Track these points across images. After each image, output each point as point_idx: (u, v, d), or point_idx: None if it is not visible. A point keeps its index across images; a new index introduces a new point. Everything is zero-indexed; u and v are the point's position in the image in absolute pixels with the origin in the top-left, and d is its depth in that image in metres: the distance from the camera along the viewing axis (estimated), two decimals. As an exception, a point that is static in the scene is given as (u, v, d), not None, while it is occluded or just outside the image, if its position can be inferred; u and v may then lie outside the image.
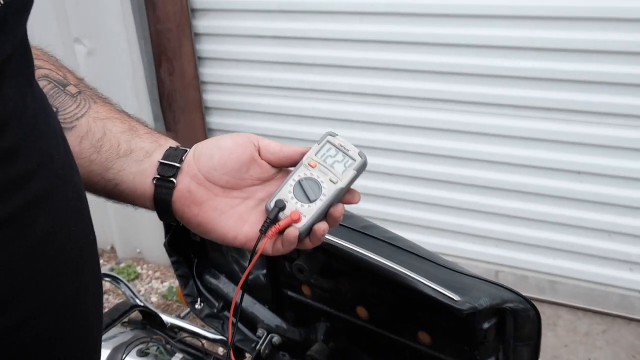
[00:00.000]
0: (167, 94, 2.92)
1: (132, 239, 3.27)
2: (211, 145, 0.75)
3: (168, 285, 3.12)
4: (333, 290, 1.10)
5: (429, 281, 0.87)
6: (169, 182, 0.73)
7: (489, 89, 2.39)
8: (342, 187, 0.74)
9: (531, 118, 2.37)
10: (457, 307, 0.84)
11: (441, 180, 2.63)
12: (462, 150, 2.53)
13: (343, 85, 2.64)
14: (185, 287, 1.36)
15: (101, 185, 0.75)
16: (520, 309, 0.90)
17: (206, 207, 0.73)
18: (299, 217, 0.72)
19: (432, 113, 2.52)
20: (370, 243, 0.97)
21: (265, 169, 0.75)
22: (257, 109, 2.88)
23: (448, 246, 2.74)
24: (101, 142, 0.73)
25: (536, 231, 2.57)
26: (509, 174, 2.51)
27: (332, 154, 0.76)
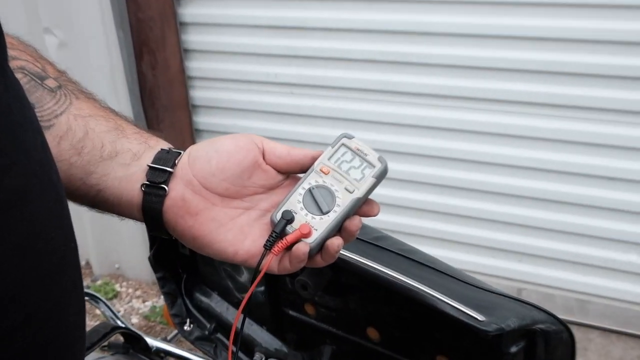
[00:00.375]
0: (149, 91, 2.92)
1: (110, 253, 3.26)
2: (208, 147, 0.74)
3: (151, 305, 3.11)
4: (340, 309, 1.09)
5: (450, 299, 0.87)
6: (159, 189, 0.72)
7: (512, 85, 2.39)
8: (359, 197, 0.73)
9: (561, 118, 2.37)
10: (481, 328, 0.84)
11: (457, 186, 2.63)
12: (481, 153, 2.54)
13: (348, 81, 2.64)
14: (172, 306, 1.36)
15: (83, 192, 0.74)
16: (552, 330, 0.90)
17: (202, 218, 0.72)
18: (310, 231, 0.71)
19: (448, 112, 2.52)
20: (383, 256, 0.97)
21: (270, 175, 0.74)
22: (251, 107, 2.88)
23: (465, 260, 2.74)
24: (83, 143, 0.72)
25: (564, 244, 2.57)
26: (534, 180, 2.51)
27: (347, 158, 0.75)
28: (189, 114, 2.96)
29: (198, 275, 1.37)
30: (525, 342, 0.91)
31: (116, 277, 3.31)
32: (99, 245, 3.24)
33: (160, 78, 2.90)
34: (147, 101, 2.94)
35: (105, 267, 3.32)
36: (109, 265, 3.31)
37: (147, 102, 2.94)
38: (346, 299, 1.08)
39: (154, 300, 3.14)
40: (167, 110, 2.95)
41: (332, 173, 0.74)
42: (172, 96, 2.92)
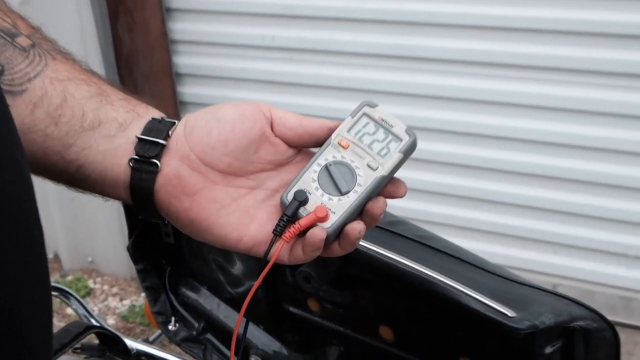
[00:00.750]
0: (127, 56, 2.92)
1: (82, 244, 3.28)
2: (208, 116, 0.73)
3: (129, 304, 3.13)
4: (349, 305, 1.10)
5: (475, 292, 0.87)
6: (150, 165, 0.72)
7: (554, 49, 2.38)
8: (383, 175, 0.73)
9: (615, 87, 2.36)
10: (511, 325, 0.84)
11: (484, 167, 2.63)
12: (512, 127, 2.53)
13: (357, 45, 2.63)
14: (155, 303, 1.36)
15: (60, 168, 0.73)
16: (594, 328, 0.90)
17: (201, 199, 0.72)
18: (327, 214, 0.71)
19: (475, 80, 2.52)
20: (399, 243, 0.98)
21: (279, 149, 0.74)
22: (244, 75, 2.88)
23: (492, 252, 2.74)
24: (60, 111, 0.72)
25: (606, 233, 2.58)
26: (571, 159, 2.51)
27: (370, 130, 0.75)
28: (172, 83, 2.96)
29: (184, 267, 1.37)
30: (562, 341, 0.91)
31: (89, 272, 3.33)
32: (69, 234, 3.25)
33: (139, 42, 2.89)
34: (123, 69, 2.93)
35: (76, 260, 3.33)
36: (81, 258, 3.32)
37: (123, 71, 2.93)
38: (355, 294, 1.08)
39: (132, 299, 3.16)
40: (147, 79, 2.95)
41: (352, 147, 0.74)
42: (152, 63, 2.92)
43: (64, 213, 3.16)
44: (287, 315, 1.19)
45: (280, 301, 1.19)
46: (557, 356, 0.92)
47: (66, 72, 0.74)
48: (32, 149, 0.72)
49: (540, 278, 2.71)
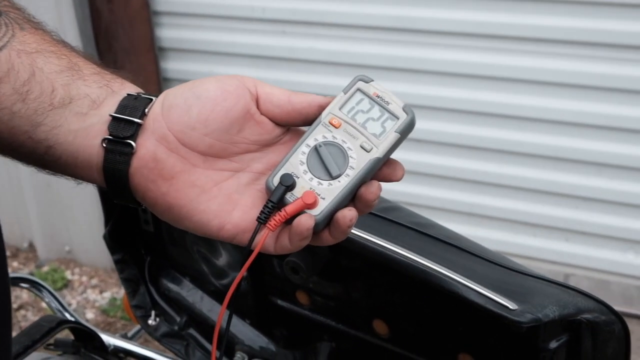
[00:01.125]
0: (105, 30, 2.90)
1: (59, 232, 3.28)
2: (188, 93, 0.73)
3: (110, 297, 3.13)
4: (340, 297, 1.10)
5: (475, 283, 0.87)
6: (125, 146, 0.71)
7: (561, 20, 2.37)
8: (378, 158, 0.72)
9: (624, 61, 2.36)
10: (513, 318, 0.84)
11: (490, 148, 2.63)
12: (518, 105, 2.53)
13: (353, 16, 2.62)
14: (133, 296, 1.37)
15: (29, 149, 0.73)
16: (602, 321, 0.90)
17: (179, 183, 0.72)
18: (315, 200, 0.71)
19: (480, 54, 2.51)
20: (393, 231, 0.98)
21: (265, 128, 0.74)
22: (233, 49, 2.87)
23: (499, 240, 2.75)
24: (28, 87, 0.71)
25: (622, 219, 2.58)
26: (586, 139, 2.51)
27: (364, 108, 0.74)
28: (154, 58, 2.95)
29: (165, 258, 1.37)
30: (568, 336, 0.92)
31: (67, 262, 3.33)
32: (45, 223, 3.25)
33: (119, 14, 2.88)
34: (102, 43, 2.92)
35: (53, 250, 3.33)
36: (58, 247, 3.33)
37: (102, 45, 2.92)
38: (347, 286, 1.08)
39: (113, 291, 3.17)
40: (128, 54, 2.94)
41: (345, 126, 0.73)
42: (133, 37, 2.91)
43: (39, 199, 3.15)
44: (275, 308, 1.20)
45: (268, 294, 1.19)
46: (562, 351, 0.93)
47: (35, 43, 0.73)
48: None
49: (552, 267, 2.72)
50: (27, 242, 3.42)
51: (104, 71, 0.76)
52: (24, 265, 3.34)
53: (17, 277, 1.49)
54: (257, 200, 0.73)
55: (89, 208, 3.05)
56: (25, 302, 3.04)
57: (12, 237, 3.44)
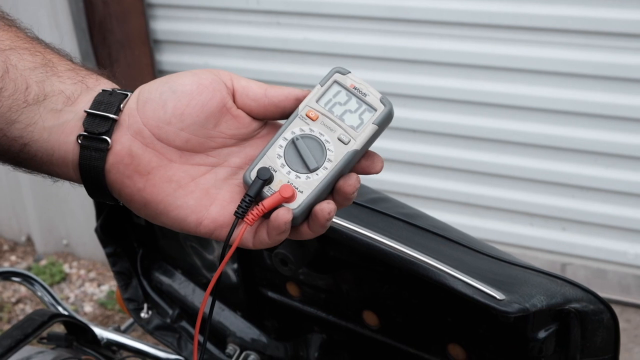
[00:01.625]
0: (100, 23, 2.90)
1: (56, 226, 3.28)
2: (163, 87, 0.72)
3: (108, 290, 3.14)
4: (330, 289, 1.10)
5: (462, 273, 0.87)
6: (100, 142, 0.71)
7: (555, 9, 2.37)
8: (356, 150, 0.72)
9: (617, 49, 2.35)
10: (501, 308, 0.84)
11: (484, 137, 2.63)
12: (513, 94, 2.53)
13: (347, 7, 2.62)
14: (126, 289, 1.37)
15: (4, 147, 0.73)
16: (590, 310, 0.90)
17: (156, 178, 0.72)
18: (293, 193, 0.70)
19: (473, 44, 2.51)
20: (381, 222, 0.97)
21: (242, 122, 0.73)
22: (227, 41, 2.87)
23: (495, 229, 2.75)
24: (2, 84, 0.70)
25: (619, 207, 2.58)
26: (579, 127, 2.50)
27: (341, 100, 0.74)
28: (149, 51, 2.94)
29: (157, 251, 1.37)
30: (557, 325, 0.92)
31: (64, 255, 3.34)
32: (43, 216, 3.26)
33: (113, 6, 2.87)
34: (96, 36, 2.92)
35: (50, 243, 3.34)
36: (55, 241, 3.33)
37: (96, 38, 2.92)
38: (337, 277, 1.08)
39: (111, 284, 3.17)
40: (123, 47, 2.93)
41: (322, 119, 0.73)
42: (128, 29, 2.90)
43: (36, 193, 3.15)
44: (266, 300, 1.20)
45: (258, 286, 1.19)
46: (551, 341, 0.93)
47: (8, 40, 0.73)
48: None
49: (549, 257, 2.72)
50: (24, 236, 3.42)
51: (78, 67, 0.75)
52: (22, 259, 3.34)
53: (9, 271, 1.48)
54: (235, 195, 0.72)
55: (86, 201, 3.04)
56: (23, 296, 3.04)
57: (10, 231, 3.44)
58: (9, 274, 1.47)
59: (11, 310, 2.98)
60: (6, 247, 3.42)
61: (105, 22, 2.90)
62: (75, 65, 0.75)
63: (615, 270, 2.67)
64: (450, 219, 1.05)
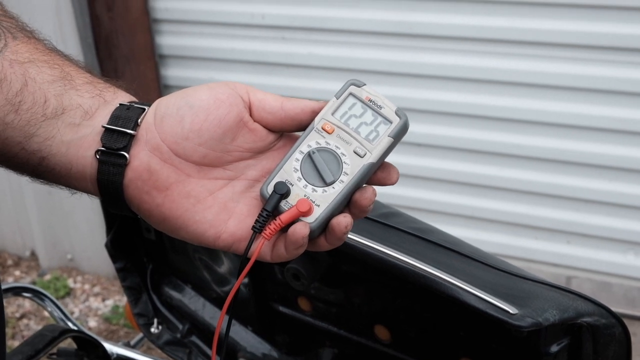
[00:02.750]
0: (106, 37, 2.91)
1: (60, 241, 3.28)
2: (180, 101, 0.72)
3: (112, 304, 3.13)
4: (342, 303, 1.10)
5: (475, 288, 0.87)
6: (118, 157, 0.71)
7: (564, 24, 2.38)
8: (372, 163, 0.72)
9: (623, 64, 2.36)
10: (514, 323, 0.85)
11: (490, 151, 2.63)
12: (520, 109, 2.53)
13: (353, 22, 2.63)
14: (136, 304, 1.37)
15: (22, 160, 0.73)
16: (602, 324, 0.91)
17: (174, 194, 0.72)
18: (310, 207, 0.70)
19: (480, 59, 2.51)
20: (393, 237, 0.98)
21: (259, 135, 0.73)
22: (232, 56, 2.87)
23: (501, 243, 2.75)
24: (21, 97, 0.70)
25: (623, 220, 2.58)
26: (586, 141, 2.51)
27: (357, 112, 0.74)
28: (155, 65, 2.95)
29: (167, 265, 1.38)
30: (569, 339, 0.92)
31: (69, 270, 3.33)
32: (47, 231, 3.26)
33: (119, 22, 2.88)
34: (102, 51, 2.93)
35: (55, 258, 3.34)
36: (60, 256, 3.33)
37: (102, 52, 2.93)
38: (348, 291, 1.08)
39: (116, 299, 3.17)
40: (128, 61, 2.94)
41: (338, 132, 0.73)
42: (134, 44, 2.91)
43: (41, 207, 3.16)
44: (277, 315, 1.20)
45: (269, 300, 1.20)
46: (564, 355, 0.93)
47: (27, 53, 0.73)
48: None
49: (554, 270, 2.72)
50: (28, 250, 3.42)
51: (96, 80, 0.75)
52: (26, 274, 3.34)
53: (19, 286, 1.49)
54: (253, 208, 0.73)
55: (91, 215, 3.05)
56: (27, 311, 3.04)
57: (14, 245, 3.44)
58: (19, 289, 1.47)
59: (15, 326, 2.97)
60: (10, 262, 3.42)
61: (111, 37, 2.91)
62: (94, 78, 0.75)
63: (621, 283, 2.66)
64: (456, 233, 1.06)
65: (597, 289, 2.67)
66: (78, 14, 2.80)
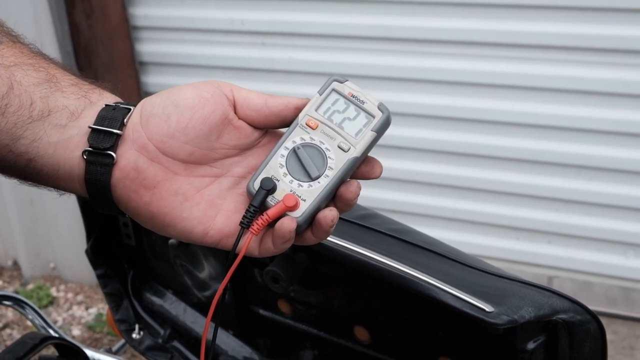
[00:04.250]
0: (85, 45, 2.90)
1: (43, 249, 3.27)
2: (165, 101, 0.73)
3: (96, 313, 3.12)
4: (321, 305, 1.11)
5: (450, 287, 0.88)
6: (105, 157, 0.72)
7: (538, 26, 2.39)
8: (356, 157, 0.73)
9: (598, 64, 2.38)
10: (490, 320, 0.85)
11: (471, 153, 2.65)
12: (498, 110, 2.55)
13: (332, 27, 2.64)
14: (117, 310, 1.37)
15: (10, 162, 0.73)
16: (577, 321, 0.91)
17: (162, 191, 0.73)
18: (296, 202, 0.72)
19: (459, 61, 2.53)
20: (371, 238, 0.99)
21: (244, 132, 0.75)
22: (213, 62, 2.87)
23: (482, 244, 2.76)
24: (7, 100, 0.71)
25: (603, 220, 2.61)
26: (563, 142, 2.53)
27: (340, 108, 0.75)
28: (135, 73, 2.95)
29: (148, 271, 1.37)
30: (545, 336, 0.93)
31: (52, 279, 3.32)
32: (29, 239, 3.24)
33: (98, 29, 2.88)
34: (82, 59, 2.92)
35: (37, 267, 3.32)
36: (43, 264, 3.31)
37: (82, 60, 2.92)
38: (327, 293, 1.09)
39: (99, 307, 3.15)
40: (108, 69, 2.94)
41: (322, 127, 0.74)
42: (113, 52, 2.91)
43: (23, 216, 3.14)
44: (257, 318, 1.20)
45: (249, 304, 1.20)
46: (540, 352, 0.93)
47: (13, 57, 0.74)
48: None
49: (535, 270, 2.73)
50: (11, 260, 3.40)
51: (82, 82, 0.76)
52: (9, 284, 3.32)
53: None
54: (240, 205, 0.74)
55: (73, 224, 3.04)
56: (10, 321, 3.02)
57: (-4, 255, 3.43)
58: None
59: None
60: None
61: (91, 44, 2.90)
62: (79, 80, 0.76)
63: (602, 282, 2.68)
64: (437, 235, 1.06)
65: (578, 288, 2.68)
66: (57, 21, 2.79)
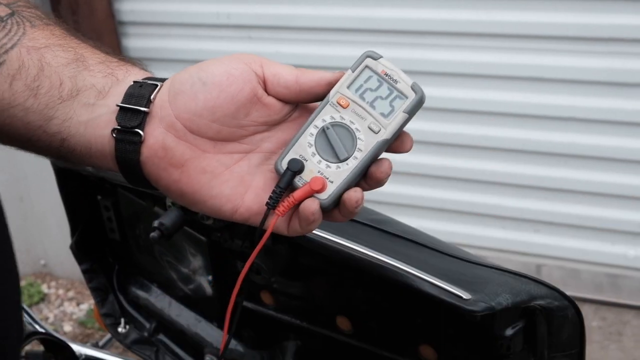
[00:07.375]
0: (72, 42, 2.89)
1: (33, 246, 3.26)
2: (193, 78, 0.72)
3: (87, 309, 3.12)
4: (304, 296, 1.11)
5: (428, 275, 0.89)
6: (133, 135, 0.72)
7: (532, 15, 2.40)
8: (386, 139, 0.72)
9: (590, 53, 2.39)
10: (467, 307, 0.86)
11: (454, 143, 2.66)
12: (485, 100, 2.56)
13: (320, 19, 2.64)
14: (103, 305, 1.37)
15: (45, 143, 0.74)
16: (555, 307, 0.92)
17: (191, 169, 0.73)
18: (323, 185, 0.71)
19: (447, 52, 2.53)
20: (351, 229, 0.99)
21: (273, 109, 0.74)
22: (200, 56, 2.82)
23: (468, 233, 2.77)
24: (38, 82, 0.72)
25: (588, 207, 2.62)
26: (548, 131, 2.54)
27: (373, 86, 0.74)
28: (122, 69, 2.94)
29: (133, 265, 1.38)
30: (523, 322, 0.93)
31: (42, 276, 3.32)
32: (19, 237, 3.23)
33: (84, 25, 2.87)
34: (68, 55, 2.91)
35: (28, 264, 3.32)
36: (33, 261, 3.31)
37: (68, 57, 2.91)
38: (309, 284, 1.09)
39: (91, 303, 3.15)
40: (95, 65, 2.93)
41: (353, 106, 0.73)
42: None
43: (13, 213, 3.12)
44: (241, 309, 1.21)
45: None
46: (519, 338, 0.94)
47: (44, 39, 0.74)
48: (15, 124, 0.73)
49: (523, 259, 2.74)
50: (2, 257, 3.39)
51: (110, 59, 0.76)
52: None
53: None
54: (269, 181, 0.74)
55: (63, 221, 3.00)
56: None
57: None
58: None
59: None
60: (-18, 269, 3.39)
61: (77, 41, 2.90)
62: (107, 57, 0.76)
63: (589, 269, 2.69)
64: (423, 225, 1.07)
65: (566, 276, 2.70)
66: (43, 18, 2.78)
